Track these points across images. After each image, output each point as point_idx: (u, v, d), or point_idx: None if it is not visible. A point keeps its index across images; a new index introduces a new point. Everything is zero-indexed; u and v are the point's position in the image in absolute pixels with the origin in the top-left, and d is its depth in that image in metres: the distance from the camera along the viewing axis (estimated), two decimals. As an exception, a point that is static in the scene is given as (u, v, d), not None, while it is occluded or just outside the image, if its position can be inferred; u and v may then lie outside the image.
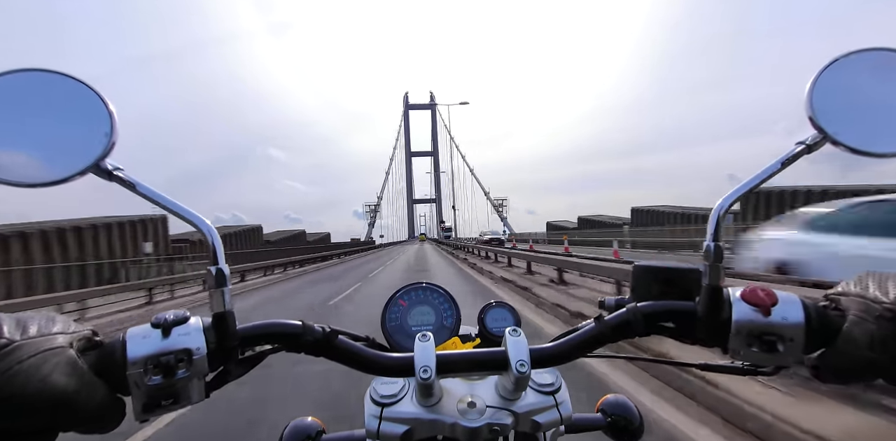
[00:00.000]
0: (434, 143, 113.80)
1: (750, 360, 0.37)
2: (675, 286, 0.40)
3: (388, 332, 0.51)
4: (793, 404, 2.14)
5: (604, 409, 0.55)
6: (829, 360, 0.35)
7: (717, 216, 0.36)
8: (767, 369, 0.38)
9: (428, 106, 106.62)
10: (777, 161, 0.37)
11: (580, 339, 0.40)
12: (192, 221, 0.35)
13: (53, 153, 0.32)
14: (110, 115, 0.34)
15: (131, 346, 0.32)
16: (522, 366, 0.36)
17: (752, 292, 0.36)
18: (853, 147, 0.35)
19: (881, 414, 1.98)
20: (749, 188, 0.36)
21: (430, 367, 0.36)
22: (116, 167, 0.34)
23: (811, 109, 0.36)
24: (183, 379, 0.32)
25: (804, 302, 0.36)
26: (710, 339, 0.37)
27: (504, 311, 0.54)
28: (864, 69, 0.36)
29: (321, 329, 0.38)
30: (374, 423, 0.40)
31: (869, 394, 2.12)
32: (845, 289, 0.36)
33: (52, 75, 0.33)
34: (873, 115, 0.36)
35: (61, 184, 0.32)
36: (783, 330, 0.35)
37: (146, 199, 0.34)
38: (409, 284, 0.55)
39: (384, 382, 0.43)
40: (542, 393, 0.43)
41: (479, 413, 0.40)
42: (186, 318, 0.34)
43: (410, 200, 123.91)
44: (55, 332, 0.30)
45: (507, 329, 0.40)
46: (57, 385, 0.27)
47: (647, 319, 0.38)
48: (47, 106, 0.33)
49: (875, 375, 0.33)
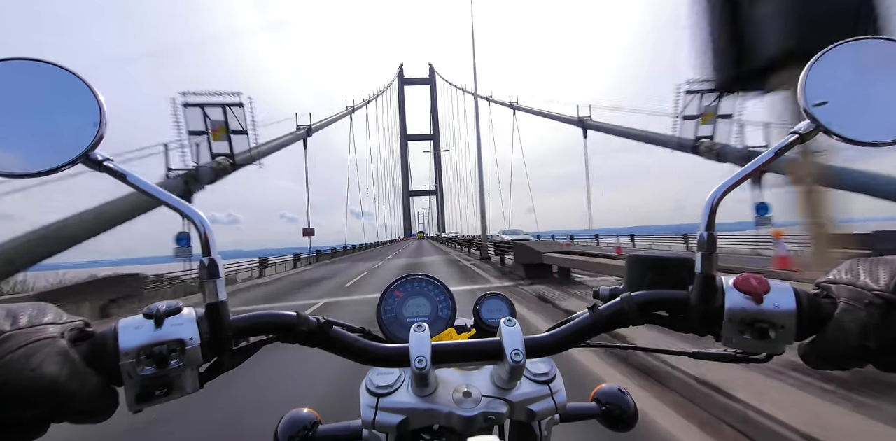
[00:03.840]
0: (434, 124, 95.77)
1: (742, 348, 0.37)
2: (669, 276, 0.40)
3: (384, 323, 0.51)
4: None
5: (598, 398, 0.56)
6: (820, 347, 0.35)
7: (710, 205, 0.36)
8: (759, 356, 0.38)
9: (427, 80, 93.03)
10: (771, 150, 0.37)
11: (574, 328, 0.40)
12: (182, 211, 0.34)
13: (43, 143, 0.32)
14: (99, 104, 0.33)
15: (123, 336, 0.32)
16: (517, 355, 0.37)
17: (745, 280, 0.36)
18: (846, 136, 0.35)
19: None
20: (742, 177, 0.36)
21: (425, 358, 0.36)
22: (106, 157, 0.34)
23: (804, 99, 0.36)
24: (176, 369, 0.32)
25: (796, 290, 0.36)
26: (703, 328, 0.38)
27: (499, 301, 0.54)
28: (857, 58, 0.37)
29: (316, 320, 0.38)
30: (370, 413, 0.40)
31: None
32: (836, 276, 0.36)
33: (40, 64, 0.33)
34: (866, 105, 0.36)
35: (51, 174, 0.32)
36: (775, 317, 0.35)
37: (137, 190, 0.34)
38: (404, 276, 0.55)
39: (380, 373, 0.43)
40: (536, 382, 0.43)
41: (474, 402, 0.40)
42: (179, 308, 0.34)
43: (406, 192, 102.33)
44: (46, 323, 0.30)
45: (502, 319, 0.40)
46: (48, 375, 0.27)
47: (640, 308, 0.38)
48: (36, 96, 0.32)
49: (865, 361, 0.33)
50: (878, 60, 0.36)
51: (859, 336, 0.32)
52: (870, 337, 0.32)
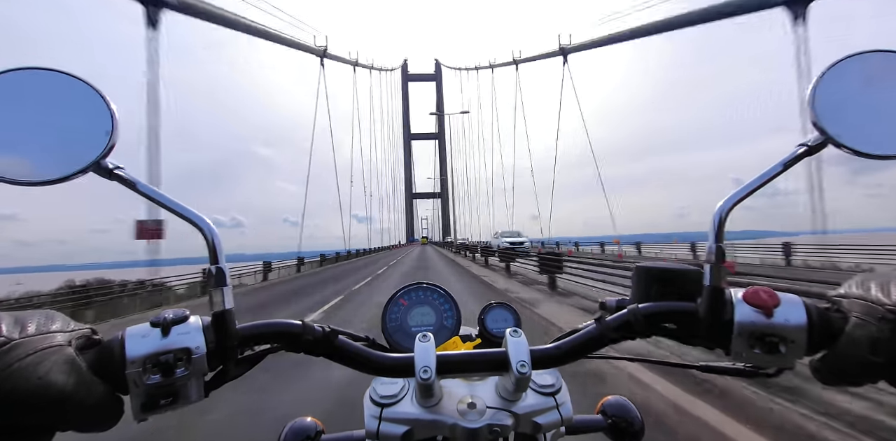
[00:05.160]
0: (440, 123, 79.85)
1: (752, 362, 0.37)
2: (676, 287, 0.40)
3: (389, 332, 0.51)
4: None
5: (604, 410, 0.55)
6: (830, 362, 0.35)
7: (718, 217, 0.36)
8: (769, 371, 0.38)
9: (433, 76, 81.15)
10: (779, 162, 0.37)
11: (581, 340, 0.40)
12: (192, 220, 0.35)
13: (54, 151, 0.32)
14: (111, 113, 0.34)
15: (130, 344, 0.32)
16: (523, 367, 0.36)
17: (755, 293, 0.36)
18: (855, 149, 0.35)
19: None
20: (751, 189, 0.36)
21: (430, 368, 0.36)
22: (117, 166, 0.34)
23: (813, 111, 0.36)
24: (182, 378, 0.32)
25: (806, 303, 0.36)
26: (712, 341, 0.37)
27: (505, 311, 0.54)
28: (867, 71, 0.36)
29: (321, 329, 0.38)
30: (374, 423, 0.40)
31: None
32: (847, 290, 0.36)
33: (53, 74, 0.33)
34: (875, 117, 0.36)
35: (62, 182, 0.32)
36: (785, 331, 0.35)
37: (146, 198, 0.34)
38: (409, 284, 0.55)
39: (384, 383, 0.43)
40: (542, 394, 0.43)
41: (479, 414, 0.39)
42: (186, 316, 0.34)
43: (410, 194, 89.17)
44: (54, 331, 0.30)
45: (508, 330, 0.39)
46: (55, 383, 0.27)
47: (648, 320, 0.38)
48: (48, 104, 0.33)
49: (877, 377, 0.33)
50: (887, 73, 0.36)
51: (871, 351, 0.32)
52: (882, 352, 0.31)
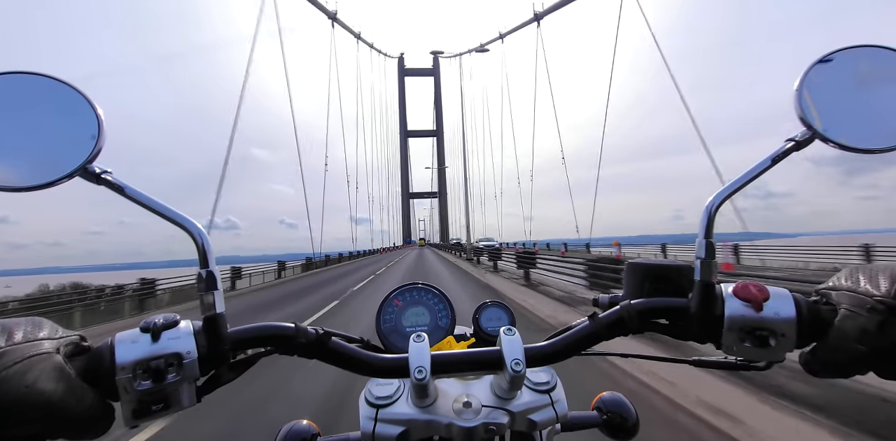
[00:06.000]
0: (438, 119, 78.50)
1: (743, 356, 0.37)
2: (668, 283, 0.40)
3: (383, 332, 0.51)
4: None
5: (599, 406, 0.55)
6: (820, 354, 0.35)
7: (708, 212, 0.36)
8: (760, 364, 0.38)
9: (430, 71, 77.80)
10: (767, 158, 0.37)
11: (575, 337, 0.40)
12: (182, 225, 0.34)
13: (40, 156, 0.32)
14: (97, 117, 0.33)
15: (120, 350, 0.31)
16: (517, 365, 0.36)
17: (744, 288, 0.36)
18: (842, 143, 0.35)
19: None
20: (740, 185, 0.37)
21: (424, 368, 0.36)
22: (104, 170, 0.33)
23: (800, 106, 0.36)
24: (173, 383, 0.32)
25: (795, 297, 0.36)
26: (704, 335, 0.37)
27: (499, 310, 0.54)
28: (853, 66, 0.37)
29: (314, 331, 0.38)
30: (370, 424, 0.40)
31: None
32: (836, 283, 0.36)
33: (38, 78, 0.33)
34: (862, 112, 0.36)
35: (48, 187, 0.32)
36: (775, 325, 0.35)
37: (135, 203, 0.34)
38: (403, 285, 0.55)
39: (379, 384, 0.43)
40: (537, 391, 0.43)
41: (474, 413, 0.39)
42: (176, 321, 0.33)
43: (406, 194, 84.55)
44: (41, 338, 0.29)
45: (502, 328, 0.40)
46: (43, 391, 0.27)
47: (640, 316, 0.38)
48: (34, 109, 0.33)
49: (867, 368, 0.33)
50: (873, 68, 0.36)
51: (860, 342, 0.32)
52: (871, 343, 0.32)
